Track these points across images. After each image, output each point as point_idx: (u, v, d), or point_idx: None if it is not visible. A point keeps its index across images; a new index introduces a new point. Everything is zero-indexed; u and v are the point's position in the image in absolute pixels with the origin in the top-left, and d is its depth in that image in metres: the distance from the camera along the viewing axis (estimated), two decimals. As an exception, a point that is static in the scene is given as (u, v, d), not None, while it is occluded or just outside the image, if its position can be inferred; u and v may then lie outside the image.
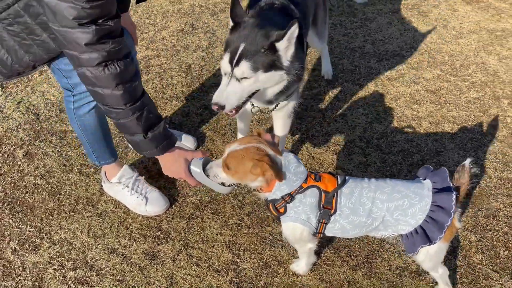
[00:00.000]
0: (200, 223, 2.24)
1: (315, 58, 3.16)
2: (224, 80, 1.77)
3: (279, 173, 1.57)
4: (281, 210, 1.67)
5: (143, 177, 2.35)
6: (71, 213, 2.30)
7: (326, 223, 1.69)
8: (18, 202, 2.35)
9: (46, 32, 1.63)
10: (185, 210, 2.30)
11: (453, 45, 3.25)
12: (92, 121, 2.00)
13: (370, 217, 1.66)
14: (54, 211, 2.30)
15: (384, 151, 2.54)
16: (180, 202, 2.34)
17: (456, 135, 2.61)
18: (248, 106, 2.06)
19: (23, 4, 1.57)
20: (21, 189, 2.41)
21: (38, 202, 2.35)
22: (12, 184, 2.43)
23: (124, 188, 2.27)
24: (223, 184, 1.69)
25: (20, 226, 2.23)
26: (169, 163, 1.71)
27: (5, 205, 2.33)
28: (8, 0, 1.57)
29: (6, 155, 2.58)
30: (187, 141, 2.58)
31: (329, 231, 1.74)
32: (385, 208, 1.64)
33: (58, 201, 2.35)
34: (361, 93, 2.90)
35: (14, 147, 2.63)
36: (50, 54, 1.69)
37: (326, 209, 1.65)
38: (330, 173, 1.73)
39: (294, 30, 1.69)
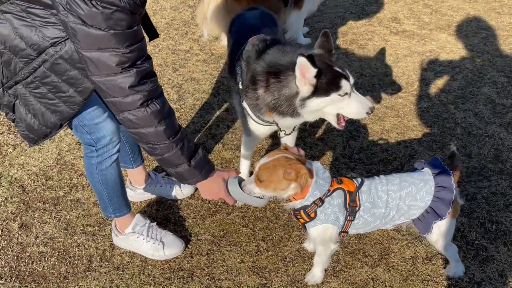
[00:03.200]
0: (219, 256, 2.31)
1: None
2: (353, 95, 1.98)
3: (311, 172, 1.75)
4: (312, 215, 1.84)
5: (155, 222, 2.39)
6: (87, 272, 2.25)
7: (352, 220, 1.87)
8: (27, 273, 2.26)
9: (72, 87, 1.72)
10: (202, 247, 2.36)
11: (395, 68, 3.72)
12: (114, 174, 2.06)
13: (387, 208, 1.88)
14: (68, 274, 2.25)
15: (366, 163, 2.82)
16: (195, 241, 2.40)
17: (421, 139, 2.98)
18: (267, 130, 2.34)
19: (49, 64, 1.66)
20: (26, 260, 2.32)
21: (49, 269, 2.28)
22: (15, 257, 2.34)
23: (139, 237, 2.29)
24: (259, 197, 1.83)
25: (36, 295, 2.15)
26: (209, 186, 1.80)
27: (13, 278, 2.23)
28: (34, 64, 1.65)
29: (0, 231, 2.49)
30: (185, 187, 2.64)
31: (353, 227, 1.92)
32: (398, 197, 1.87)
33: (69, 263, 2.30)
34: (331, 118, 3.21)
35: (6, 221, 2.54)
36: (76, 108, 1.77)
37: (352, 206, 1.84)
38: (345, 177, 1.94)
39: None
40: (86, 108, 1.84)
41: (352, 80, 1.98)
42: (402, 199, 1.88)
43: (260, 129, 2.33)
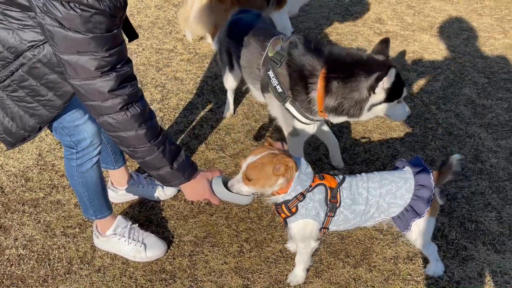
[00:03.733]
0: (202, 257, 2.30)
1: (265, 95, 3.45)
2: (402, 102, 2.24)
3: (297, 164, 1.77)
4: (293, 209, 1.85)
5: (137, 224, 2.37)
6: (67, 275, 2.22)
7: (333, 216, 1.89)
8: (5, 276, 2.22)
9: (51, 91, 1.69)
10: (184, 249, 2.34)
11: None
12: (94, 176, 2.03)
13: (367, 205, 1.91)
14: (48, 277, 2.22)
15: (349, 163, 2.83)
16: (177, 243, 2.38)
17: (404, 139, 3.00)
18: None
19: (27, 68, 1.62)
20: (5, 263, 2.28)
21: (28, 272, 2.24)
22: (-7, 260, 2.30)
23: (120, 239, 2.27)
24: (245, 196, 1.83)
25: (15, 299, 2.11)
26: (192, 187, 1.79)
27: (-10, 282, 2.19)
28: (12, 67, 1.61)
29: (-23, 233, 2.44)
30: (168, 188, 2.62)
31: (334, 224, 1.94)
32: (378, 194, 1.90)
33: (49, 266, 2.27)
34: (314, 119, 3.22)
35: (-16, 224, 2.49)
36: (56, 111, 1.74)
37: (333, 202, 1.86)
38: (328, 174, 1.96)
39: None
40: (67, 111, 1.82)
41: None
42: (382, 196, 1.90)
43: (307, 128, 2.40)
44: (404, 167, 2.00)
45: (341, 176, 1.95)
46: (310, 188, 1.85)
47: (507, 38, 4.05)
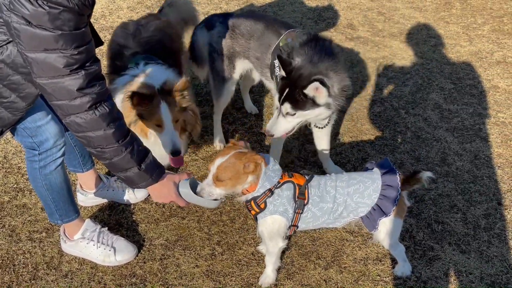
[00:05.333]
0: (173, 261, 2.28)
1: (238, 99, 3.45)
2: (275, 113, 2.24)
3: (265, 159, 1.80)
4: (262, 205, 1.88)
5: (106, 227, 2.32)
6: (32, 281, 2.16)
7: (301, 213, 1.92)
8: (-34, 283, 2.14)
9: (14, 93, 1.64)
10: (155, 252, 2.32)
11: (349, 74, 3.81)
12: (58, 178, 1.99)
13: (335, 203, 1.94)
14: (13, 283, 2.15)
15: (321, 165, 2.86)
16: (148, 246, 2.35)
17: (374, 143, 3.06)
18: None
19: None
20: (-34, 270, 2.20)
21: (-9, 278, 2.17)
22: (-47, 267, 2.21)
23: (89, 243, 2.22)
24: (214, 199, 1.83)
25: (-24, 306, 2.03)
26: (159, 189, 1.78)
27: (-50, 289, 2.11)
28: None
29: None
30: (138, 191, 2.59)
31: (303, 221, 1.97)
32: (346, 193, 1.95)
33: (14, 272, 2.20)
34: (287, 122, 3.24)
35: None
36: (19, 114, 1.70)
37: (301, 199, 1.89)
38: (298, 173, 1.99)
39: (314, 86, 2.07)
40: (29, 111, 1.77)
41: (283, 107, 2.23)
42: (350, 195, 1.94)
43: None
44: (373, 169, 2.04)
45: (311, 175, 1.99)
46: (279, 185, 1.89)
47: (472, 46, 4.20)
